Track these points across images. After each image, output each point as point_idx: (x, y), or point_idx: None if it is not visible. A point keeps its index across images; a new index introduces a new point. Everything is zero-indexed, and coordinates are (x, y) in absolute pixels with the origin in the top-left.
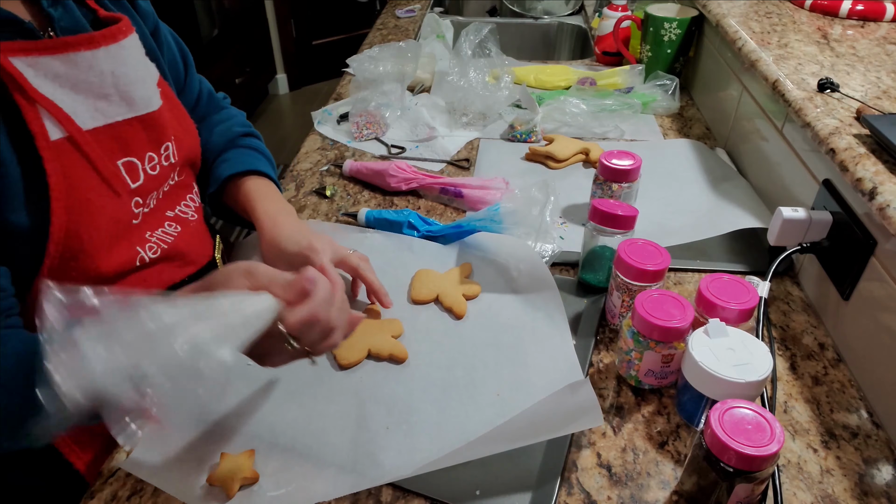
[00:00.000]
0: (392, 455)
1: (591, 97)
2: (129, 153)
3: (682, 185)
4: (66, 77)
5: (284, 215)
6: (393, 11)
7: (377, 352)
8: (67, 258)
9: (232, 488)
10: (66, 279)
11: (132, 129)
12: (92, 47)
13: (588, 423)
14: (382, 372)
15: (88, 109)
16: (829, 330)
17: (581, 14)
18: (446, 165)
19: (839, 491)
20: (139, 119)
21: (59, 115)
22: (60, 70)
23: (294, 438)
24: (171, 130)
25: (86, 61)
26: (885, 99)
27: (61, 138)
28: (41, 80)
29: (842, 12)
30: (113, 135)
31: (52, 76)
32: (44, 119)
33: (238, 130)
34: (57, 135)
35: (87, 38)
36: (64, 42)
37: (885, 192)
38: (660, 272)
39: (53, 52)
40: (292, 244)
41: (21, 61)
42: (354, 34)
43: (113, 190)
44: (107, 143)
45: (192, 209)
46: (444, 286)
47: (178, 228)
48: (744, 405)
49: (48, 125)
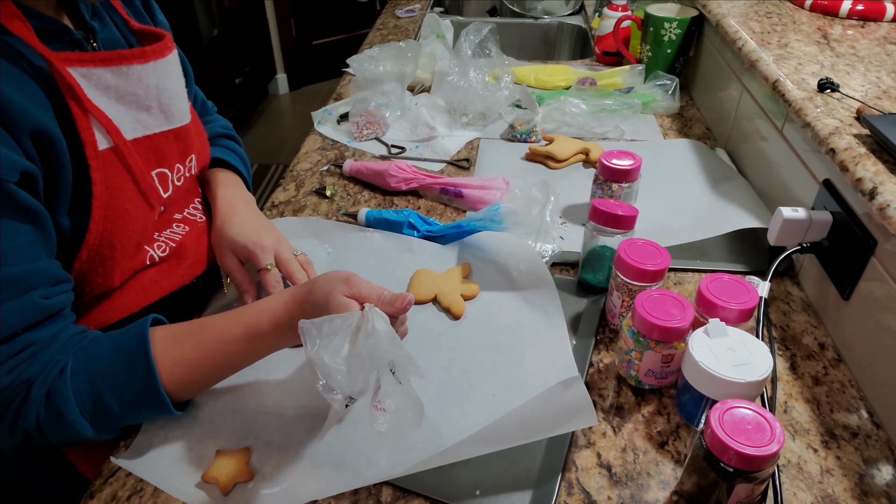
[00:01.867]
0: (387, 454)
1: (591, 97)
2: (163, 164)
3: (682, 185)
4: (115, 89)
5: (241, 203)
6: (393, 11)
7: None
8: (96, 264)
9: (227, 486)
10: (89, 283)
11: (167, 141)
12: (143, 61)
13: (583, 422)
14: None
15: (131, 121)
16: (829, 330)
17: (581, 14)
18: (446, 165)
19: (839, 491)
20: (174, 132)
21: (108, 126)
22: (111, 82)
23: (289, 437)
24: (195, 143)
25: (136, 74)
26: (885, 99)
27: (108, 148)
28: (93, 90)
29: (842, 12)
30: (150, 146)
31: (103, 87)
32: (94, 129)
33: (218, 131)
34: (104, 145)
35: (139, 53)
36: (119, 55)
37: (885, 192)
38: (660, 272)
39: (108, 65)
40: (240, 235)
41: (77, 71)
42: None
43: (147, 201)
44: (144, 155)
45: (200, 211)
46: (442, 286)
47: (185, 229)
48: (744, 405)
49: (98, 135)
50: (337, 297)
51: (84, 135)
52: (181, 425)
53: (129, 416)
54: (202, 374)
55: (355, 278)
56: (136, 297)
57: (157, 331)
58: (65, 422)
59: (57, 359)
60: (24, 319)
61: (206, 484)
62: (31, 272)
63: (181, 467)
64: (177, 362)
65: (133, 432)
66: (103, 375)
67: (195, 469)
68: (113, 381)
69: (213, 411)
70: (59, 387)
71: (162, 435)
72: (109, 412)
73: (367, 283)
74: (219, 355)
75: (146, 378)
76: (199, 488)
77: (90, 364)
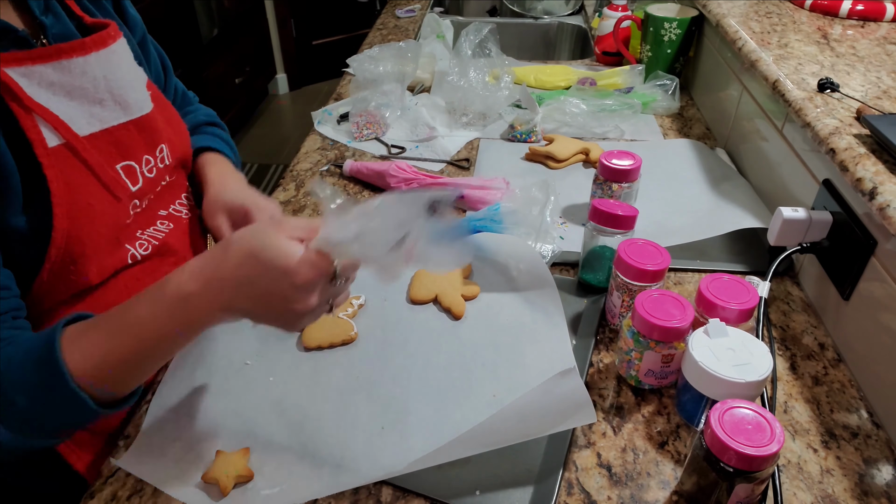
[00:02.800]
0: (387, 455)
1: (591, 97)
2: (128, 157)
3: (682, 185)
4: (61, 84)
5: (233, 177)
6: (393, 11)
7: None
8: (67, 262)
9: (227, 486)
10: (64, 281)
11: (128, 132)
12: (83, 53)
13: (582, 419)
14: (379, 371)
15: (84, 115)
16: (829, 330)
17: (581, 14)
18: (446, 165)
19: (839, 491)
20: (134, 122)
21: (55, 123)
22: (54, 78)
23: (289, 437)
24: (164, 133)
25: (78, 67)
26: (885, 99)
27: (59, 145)
28: (35, 88)
29: (842, 12)
30: (110, 140)
31: (47, 84)
32: (40, 126)
33: (202, 119)
34: (54, 142)
35: (78, 45)
36: (57, 49)
37: (885, 192)
38: (660, 272)
39: (46, 60)
40: (236, 198)
41: (15, 71)
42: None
43: (113, 195)
44: (105, 149)
45: (186, 208)
46: (443, 286)
47: (169, 226)
48: (744, 405)
49: (45, 132)
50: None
51: (30, 133)
52: (181, 426)
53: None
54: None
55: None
56: (117, 295)
57: (70, 328)
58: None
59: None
60: None
61: (206, 484)
62: None
63: (181, 468)
64: (86, 355)
65: (132, 433)
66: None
67: (195, 469)
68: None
69: (213, 412)
70: None
71: (162, 435)
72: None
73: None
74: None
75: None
76: (199, 489)
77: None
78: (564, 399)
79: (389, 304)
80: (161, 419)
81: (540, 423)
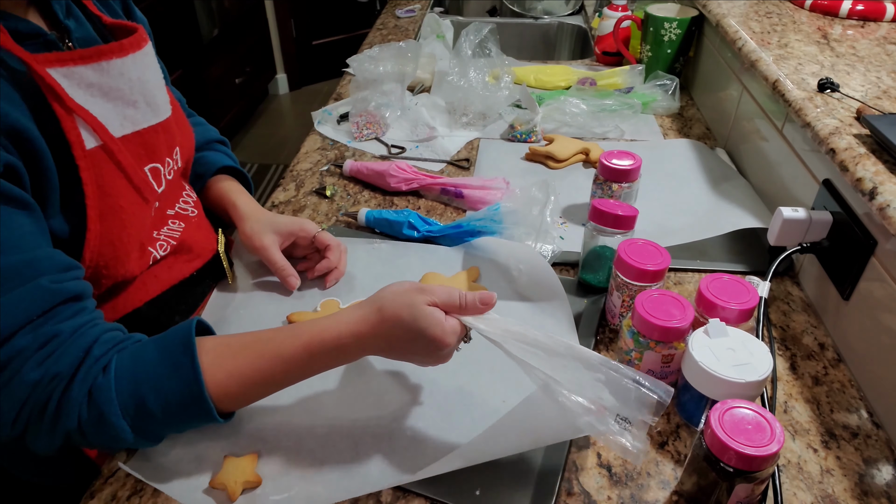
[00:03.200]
0: (396, 461)
1: (591, 97)
2: (154, 159)
3: (682, 185)
4: (99, 86)
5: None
6: (393, 11)
7: None
8: (101, 266)
9: (235, 492)
10: (98, 285)
11: (155, 135)
12: (121, 55)
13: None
14: (387, 378)
15: (118, 117)
16: (829, 330)
17: (581, 14)
18: (446, 165)
19: (839, 491)
20: (161, 125)
21: (93, 124)
22: (93, 79)
23: (298, 442)
24: (177, 135)
25: (116, 69)
26: (885, 99)
27: (96, 147)
28: (76, 89)
29: (842, 12)
30: (140, 142)
31: (86, 85)
32: (80, 128)
33: (214, 136)
34: (92, 143)
35: (117, 47)
36: (98, 51)
37: (885, 192)
38: (660, 272)
39: (87, 62)
40: (284, 220)
41: (57, 72)
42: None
43: (142, 196)
44: (135, 150)
45: (190, 205)
46: None
47: (181, 225)
48: (744, 405)
49: (84, 134)
50: (423, 309)
51: (70, 135)
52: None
53: (172, 422)
54: (255, 389)
55: (423, 285)
56: (136, 292)
57: (207, 340)
58: (105, 423)
59: (96, 354)
60: (37, 305)
61: (214, 490)
62: (36, 258)
63: (189, 473)
64: (230, 375)
65: None
66: (147, 377)
67: (203, 475)
68: (156, 384)
69: None
70: (101, 385)
71: (170, 440)
72: (151, 416)
73: (436, 287)
74: (276, 371)
75: (191, 382)
76: (207, 494)
77: (134, 365)
78: None
79: None
80: None
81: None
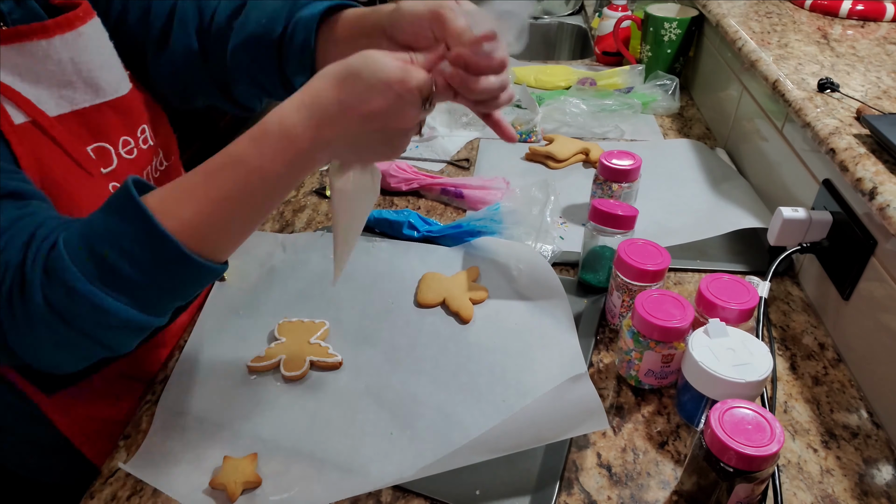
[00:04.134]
0: (396, 460)
1: (591, 97)
2: (101, 138)
3: (682, 185)
4: (25, 67)
5: None
6: None
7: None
8: None
9: (235, 492)
10: None
11: (102, 114)
12: (45, 36)
13: (593, 426)
14: (387, 376)
15: (53, 97)
16: (829, 330)
17: (581, 14)
18: (446, 165)
19: (839, 491)
20: (109, 104)
21: (19, 101)
22: (18, 60)
23: (297, 442)
24: (147, 113)
25: (41, 50)
26: (885, 99)
27: (26, 122)
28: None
29: (842, 12)
30: (81, 121)
31: (11, 66)
32: (5, 105)
33: None
34: (20, 119)
35: (39, 28)
36: (16, 32)
37: (885, 192)
38: (660, 272)
39: (6, 43)
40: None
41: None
42: None
43: (86, 171)
44: (75, 129)
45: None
46: (450, 290)
47: None
48: (744, 405)
49: (10, 110)
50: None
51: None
52: (189, 429)
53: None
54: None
55: None
56: None
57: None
58: (76, 295)
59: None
60: None
61: (214, 490)
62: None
63: (189, 473)
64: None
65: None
66: (97, 234)
67: (202, 475)
68: (109, 237)
69: (221, 417)
70: (53, 258)
71: (169, 441)
72: (121, 273)
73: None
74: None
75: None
76: (207, 494)
77: (82, 229)
78: (575, 405)
79: (396, 307)
80: (167, 424)
81: (550, 429)
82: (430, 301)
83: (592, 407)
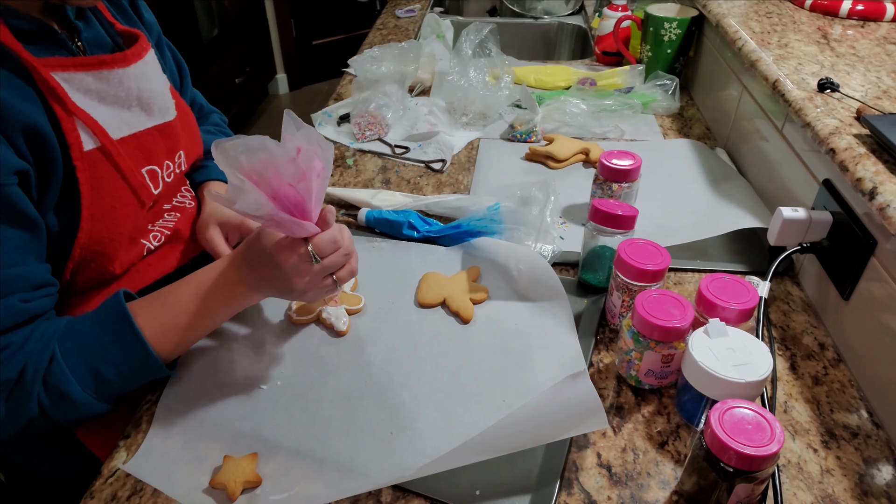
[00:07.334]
0: (396, 460)
1: (591, 97)
2: (152, 161)
3: (682, 185)
4: (97, 91)
5: None
6: (393, 11)
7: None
8: (89, 260)
9: (235, 492)
10: (84, 276)
11: (153, 138)
12: (123, 65)
13: (593, 425)
14: (387, 375)
15: (115, 121)
16: (829, 330)
17: (581, 14)
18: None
19: (839, 491)
20: (158, 128)
21: (93, 127)
22: (93, 85)
23: (297, 442)
24: (183, 140)
25: (116, 78)
26: (885, 99)
27: (94, 149)
28: (76, 93)
29: (842, 12)
30: (136, 144)
31: (85, 90)
32: (79, 130)
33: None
34: (90, 145)
35: (120, 58)
36: (100, 60)
37: (885, 192)
38: (660, 272)
39: (89, 69)
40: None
41: (59, 76)
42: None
43: (139, 198)
44: (132, 153)
45: (188, 198)
46: (451, 290)
47: (176, 215)
48: (744, 405)
49: (83, 136)
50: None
51: (69, 136)
52: (188, 431)
53: (129, 383)
54: (188, 335)
55: None
56: (129, 280)
57: (133, 304)
58: (70, 401)
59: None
60: (2, 322)
61: (214, 490)
62: (14, 276)
63: (189, 473)
64: (163, 330)
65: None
66: (93, 352)
67: (202, 475)
68: (103, 355)
69: (221, 417)
70: (54, 372)
71: (169, 441)
72: (109, 383)
73: None
74: (196, 313)
75: (137, 347)
76: (207, 494)
77: (77, 345)
78: (575, 404)
79: (397, 307)
80: (168, 424)
81: (550, 429)
82: (431, 301)
83: (592, 406)
